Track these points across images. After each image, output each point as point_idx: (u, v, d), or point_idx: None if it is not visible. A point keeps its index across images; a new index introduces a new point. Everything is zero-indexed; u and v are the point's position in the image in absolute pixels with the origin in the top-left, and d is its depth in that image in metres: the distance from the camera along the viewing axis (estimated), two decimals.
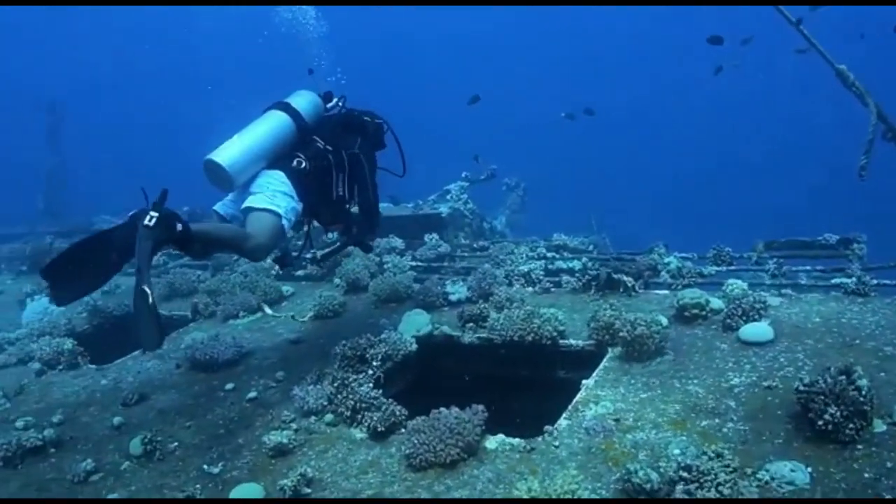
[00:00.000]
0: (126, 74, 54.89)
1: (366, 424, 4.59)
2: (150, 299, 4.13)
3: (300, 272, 8.76)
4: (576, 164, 45.01)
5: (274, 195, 5.14)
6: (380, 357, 5.38)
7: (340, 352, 5.45)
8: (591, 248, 8.60)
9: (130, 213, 4.30)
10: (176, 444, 4.88)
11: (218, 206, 5.49)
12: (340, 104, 6.09)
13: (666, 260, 7.03)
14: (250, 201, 5.13)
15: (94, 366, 6.81)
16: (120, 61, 54.61)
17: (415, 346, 5.70)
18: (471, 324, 6.11)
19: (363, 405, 4.69)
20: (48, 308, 8.59)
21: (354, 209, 6.03)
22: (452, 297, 6.87)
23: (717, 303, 5.71)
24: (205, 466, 4.49)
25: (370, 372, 5.29)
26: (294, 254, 6.35)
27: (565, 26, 55.04)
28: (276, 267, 8.05)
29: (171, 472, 4.53)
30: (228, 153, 5.06)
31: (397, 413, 4.59)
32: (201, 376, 6.08)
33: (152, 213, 4.23)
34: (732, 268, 7.04)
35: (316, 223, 6.03)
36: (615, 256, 7.85)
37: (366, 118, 6.05)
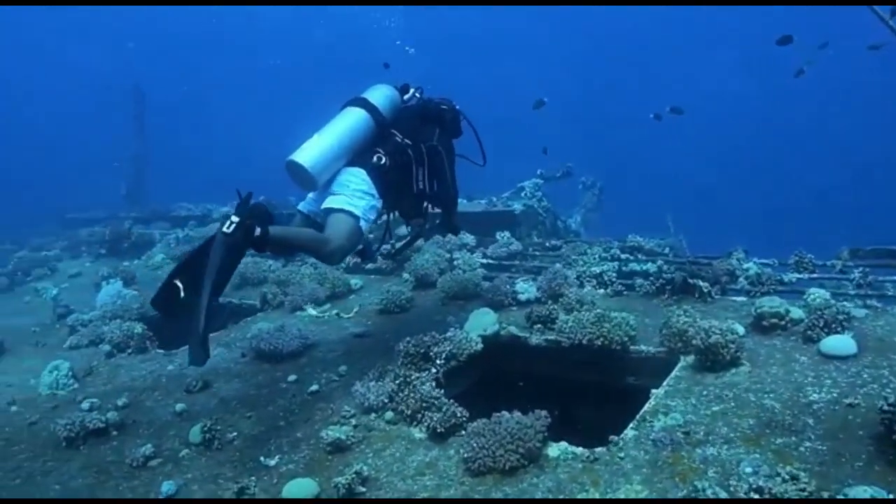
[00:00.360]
0: (203, 64, 56.39)
1: (425, 424, 4.49)
2: (201, 323, 4.14)
3: (370, 265, 8.72)
4: (650, 163, 44.43)
5: (353, 194, 5.12)
6: (444, 356, 5.28)
7: (404, 349, 5.37)
8: (666, 250, 8.33)
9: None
10: (235, 433, 4.86)
11: (302, 206, 5.52)
12: (418, 94, 6.01)
13: (745, 265, 6.74)
14: (330, 202, 5.13)
15: (162, 351, 6.92)
16: (200, 50, 56.14)
17: (480, 346, 5.57)
18: (539, 325, 5.96)
19: (424, 404, 4.59)
20: (122, 291, 8.74)
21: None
22: (521, 297, 6.73)
23: (797, 312, 5.42)
24: (261, 458, 4.45)
25: (433, 370, 5.19)
26: (374, 246, 6.29)
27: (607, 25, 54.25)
28: (354, 258, 8.03)
29: (228, 461, 4.51)
30: (309, 154, 5.05)
31: (458, 414, 4.47)
32: (265, 367, 6.09)
33: (232, 219, 4.29)
34: (815, 276, 6.70)
35: (396, 213, 5.98)
36: (691, 260, 7.59)
37: (443, 107, 5.94)
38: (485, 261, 8.48)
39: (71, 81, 52.48)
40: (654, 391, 4.64)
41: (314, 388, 5.43)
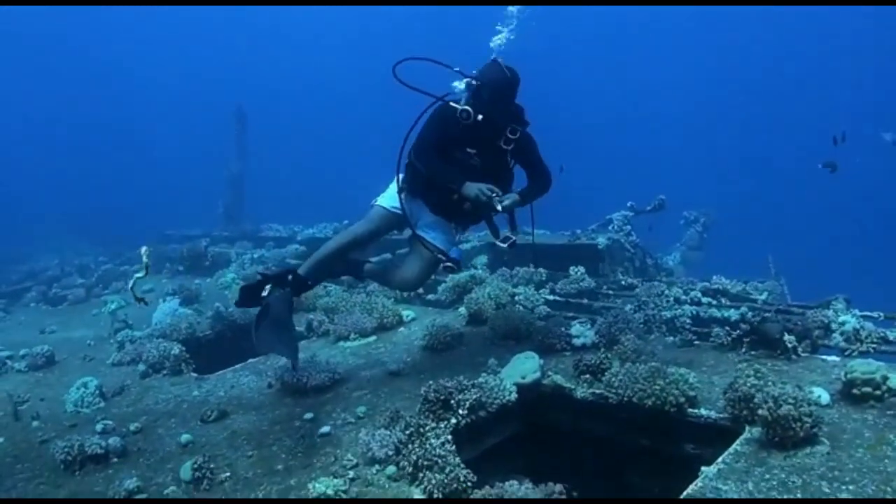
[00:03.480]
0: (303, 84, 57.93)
1: (423, 486, 3.83)
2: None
3: (430, 296, 8.12)
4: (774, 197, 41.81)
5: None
6: (467, 405, 4.59)
7: (424, 393, 4.71)
8: (763, 295, 7.29)
9: None
10: (228, 474, 4.46)
11: None
12: None
13: (841, 318, 5.74)
14: None
15: (195, 374, 6.63)
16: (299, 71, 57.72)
17: (514, 396, 4.89)
18: (587, 375, 5.17)
19: (427, 462, 3.94)
20: (177, 310, 8.47)
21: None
22: (577, 341, 5.93)
23: None
24: None
25: (453, 421, 4.52)
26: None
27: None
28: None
29: None
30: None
31: (462, 478, 3.82)
32: (287, 400, 5.66)
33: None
34: None
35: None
36: (781, 308, 6.60)
37: None
38: (552, 297, 7.71)
39: (181, 101, 54.63)
40: (704, 469, 3.83)
41: (325, 429, 4.88)
